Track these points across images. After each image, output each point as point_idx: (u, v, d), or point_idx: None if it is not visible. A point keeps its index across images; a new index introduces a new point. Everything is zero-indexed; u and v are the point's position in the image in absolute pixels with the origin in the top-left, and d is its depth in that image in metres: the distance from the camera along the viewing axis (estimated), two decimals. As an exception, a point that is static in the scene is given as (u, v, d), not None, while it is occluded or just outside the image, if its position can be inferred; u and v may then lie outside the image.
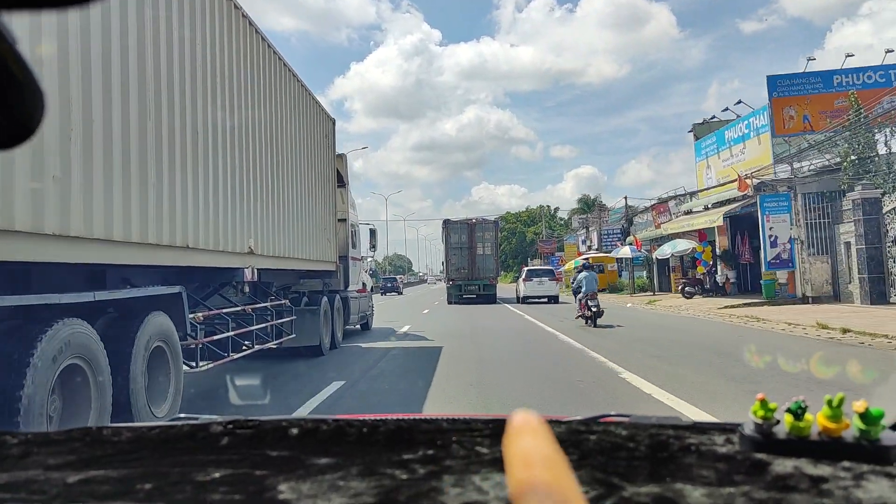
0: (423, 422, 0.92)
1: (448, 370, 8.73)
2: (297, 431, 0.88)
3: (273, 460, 0.77)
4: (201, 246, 5.97)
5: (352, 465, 0.74)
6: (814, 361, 8.85)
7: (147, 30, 5.01)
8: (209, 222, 6.14)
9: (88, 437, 0.91)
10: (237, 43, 7.04)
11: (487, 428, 0.86)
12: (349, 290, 13.39)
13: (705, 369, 8.33)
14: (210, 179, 6.18)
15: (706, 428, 0.85)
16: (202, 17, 6.10)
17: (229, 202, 6.64)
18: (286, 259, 8.67)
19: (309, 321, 10.18)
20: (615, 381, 7.51)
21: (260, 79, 7.77)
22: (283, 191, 8.57)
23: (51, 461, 0.80)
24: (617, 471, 0.69)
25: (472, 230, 28.00)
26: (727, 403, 6.08)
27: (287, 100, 8.93)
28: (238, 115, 6.99)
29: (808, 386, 6.89)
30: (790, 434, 0.70)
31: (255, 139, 7.49)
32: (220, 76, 6.52)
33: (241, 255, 7.02)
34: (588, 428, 0.86)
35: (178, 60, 5.53)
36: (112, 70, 4.50)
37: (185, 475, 0.72)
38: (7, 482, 0.73)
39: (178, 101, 5.54)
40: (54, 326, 3.87)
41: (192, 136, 5.81)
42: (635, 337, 12.62)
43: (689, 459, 0.73)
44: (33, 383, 3.64)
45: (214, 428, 0.91)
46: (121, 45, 4.61)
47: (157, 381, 5.27)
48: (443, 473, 0.70)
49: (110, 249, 4.48)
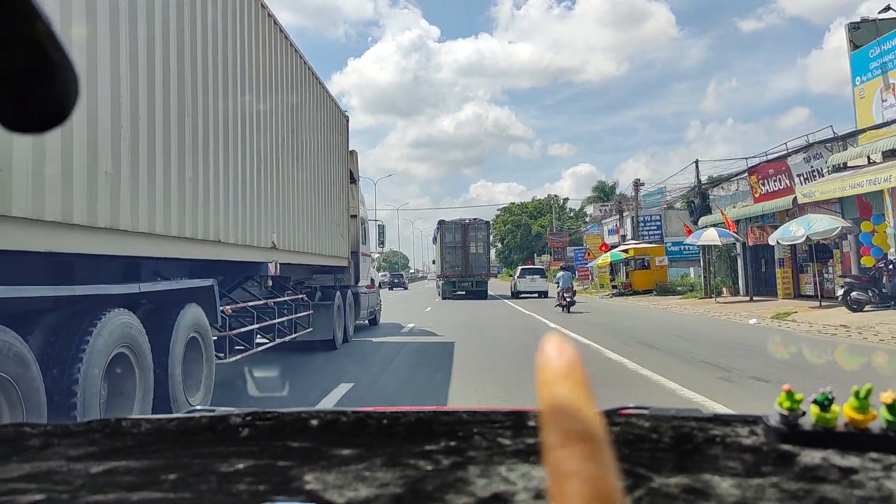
0: (442, 414, 0.92)
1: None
2: (316, 423, 0.88)
3: (294, 451, 0.77)
4: (231, 240, 6.12)
5: (374, 456, 0.73)
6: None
7: (188, 38, 5.15)
8: (238, 217, 6.29)
9: (108, 429, 0.91)
10: (268, 47, 7.20)
11: (508, 420, 0.86)
12: (359, 286, 13.54)
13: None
14: (238, 176, 6.33)
15: (729, 419, 0.85)
16: (239, 25, 6.25)
17: (255, 198, 6.79)
18: (305, 254, 8.83)
19: (324, 315, 10.33)
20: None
21: (286, 80, 7.93)
22: (302, 187, 8.72)
23: (72, 452, 0.80)
24: (642, 462, 0.69)
25: (466, 230, 29.72)
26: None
27: (308, 98, 9.08)
28: (265, 114, 7.14)
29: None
30: (816, 425, 0.69)
31: (278, 136, 7.64)
32: (252, 79, 6.67)
33: (265, 249, 7.17)
34: (609, 420, 0.86)
35: (212, 66, 5.68)
36: (156, 72, 4.65)
37: (208, 466, 0.72)
38: (29, 473, 0.73)
39: (212, 102, 5.69)
40: (106, 316, 4.03)
41: (224, 134, 5.96)
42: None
43: (715, 451, 0.72)
44: (88, 371, 3.80)
45: (233, 420, 0.91)
46: (163, 51, 4.76)
47: (192, 370, 5.43)
48: (467, 464, 0.70)
49: (153, 242, 4.64)
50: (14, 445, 0.85)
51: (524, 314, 19.90)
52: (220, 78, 5.89)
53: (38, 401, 3.40)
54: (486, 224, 31.58)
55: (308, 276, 10.43)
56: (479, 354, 10.30)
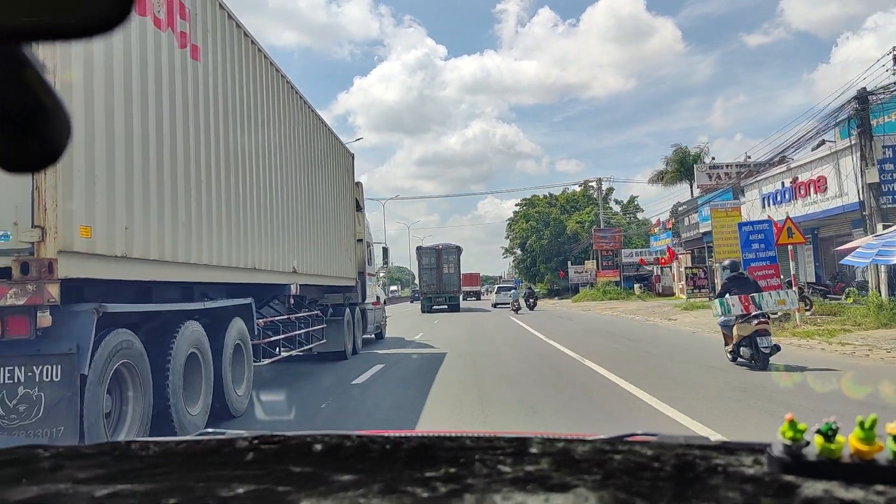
0: (445, 439, 0.94)
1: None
2: (320, 447, 0.91)
3: (296, 476, 0.79)
4: (262, 267, 7.72)
5: (374, 482, 0.75)
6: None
7: (240, 110, 6.81)
8: (267, 248, 7.89)
9: (117, 452, 0.96)
10: (288, 108, 8.87)
11: (510, 446, 0.87)
12: (366, 303, 15.10)
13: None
14: (266, 214, 7.95)
15: (734, 448, 0.85)
16: (269, 99, 7.93)
17: (279, 232, 8.40)
18: (319, 276, 10.43)
19: (335, 329, 11.89)
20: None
21: (303, 133, 9.61)
22: (316, 219, 10.34)
23: (80, 475, 0.84)
24: (641, 491, 0.69)
25: (440, 254, 35.24)
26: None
27: (319, 144, 10.74)
28: (286, 163, 8.80)
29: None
30: (821, 456, 0.68)
31: (296, 179, 9.28)
32: (278, 140, 8.35)
33: (288, 273, 8.77)
34: (613, 447, 0.87)
35: (252, 140, 7.33)
36: (215, 150, 6.29)
37: (210, 490, 0.75)
38: (37, 495, 0.76)
39: (251, 163, 7.35)
40: (184, 325, 5.63)
41: (257, 184, 7.59)
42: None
43: (716, 480, 0.72)
44: (174, 363, 5.39)
45: (240, 443, 0.95)
46: (223, 122, 6.41)
47: (237, 369, 7.00)
48: (464, 492, 0.70)
49: (210, 271, 6.24)
50: (25, 468, 0.90)
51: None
52: (256, 146, 7.54)
53: (147, 379, 4.99)
54: (457, 248, 36.76)
55: (320, 294, 12.00)
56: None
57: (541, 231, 56.13)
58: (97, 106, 4.44)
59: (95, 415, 4.28)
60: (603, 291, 40.48)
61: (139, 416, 4.88)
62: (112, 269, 4.61)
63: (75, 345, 4.11)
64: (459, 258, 36.63)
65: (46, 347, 4.05)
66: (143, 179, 5.04)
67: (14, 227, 3.88)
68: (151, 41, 5.21)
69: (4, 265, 3.88)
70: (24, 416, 3.99)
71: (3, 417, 3.97)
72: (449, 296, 34.85)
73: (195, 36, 6.05)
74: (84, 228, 4.24)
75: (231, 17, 6.97)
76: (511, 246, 64.26)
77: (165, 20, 5.48)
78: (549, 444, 0.89)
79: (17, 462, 0.92)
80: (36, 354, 4.03)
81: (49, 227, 3.90)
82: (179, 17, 5.75)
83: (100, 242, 4.42)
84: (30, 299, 3.84)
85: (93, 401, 4.26)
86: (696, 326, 16.51)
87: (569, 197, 58.84)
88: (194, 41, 6.01)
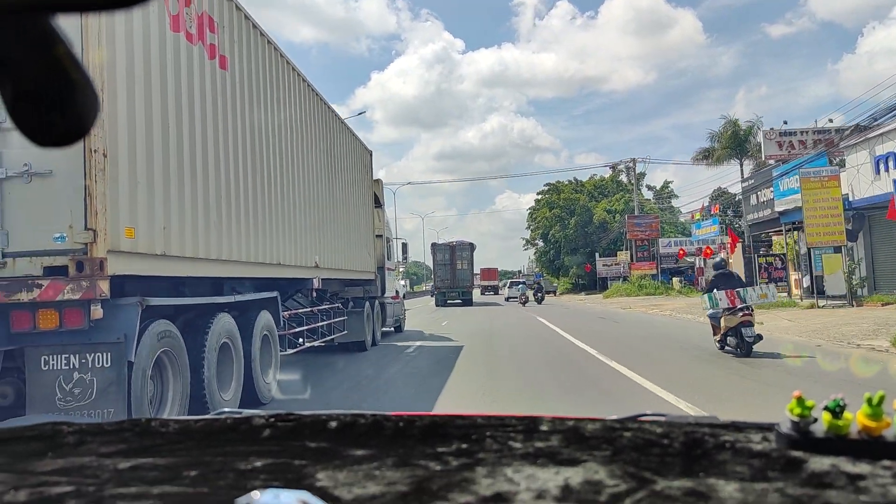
0: (457, 418, 0.96)
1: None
2: (335, 425, 0.93)
3: (312, 451, 0.82)
4: (287, 262, 8.16)
5: (387, 456, 0.78)
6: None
7: (265, 115, 7.25)
8: (290, 244, 8.34)
9: (138, 428, 0.99)
10: (311, 112, 9.30)
11: (521, 425, 0.90)
12: (385, 297, 15.54)
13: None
14: (290, 212, 8.39)
15: (743, 426, 0.86)
16: (292, 100, 8.36)
17: (302, 229, 8.84)
18: (340, 270, 10.88)
19: (356, 321, 12.34)
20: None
21: (325, 135, 10.04)
22: (337, 216, 10.78)
23: (103, 449, 0.87)
24: (650, 466, 0.71)
25: (454, 251, 36.62)
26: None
27: (339, 145, 11.17)
28: (310, 165, 9.23)
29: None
30: (828, 432, 0.70)
31: (319, 179, 9.71)
32: (299, 143, 8.77)
33: (311, 268, 9.22)
34: (622, 425, 0.89)
35: (278, 147, 7.77)
36: (244, 156, 6.73)
37: (228, 464, 0.78)
38: (63, 467, 0.79)
39: (277, 166, 7.78)
40: (217, 316, 6.09)
41: (282, 185, 8.03)
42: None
43: (724, 456, 0.73)
44: (209, 352, 5.85)
45: (256, 421, 0.98)
46: (250, 127, 6.84)
47: (265, 358, 7.46)
48: (475, 465, 0.73)
49: (240, 267, 6.69)
50: (51, 442, 0.93)
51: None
52: (280, 148, 7.97)
53: (185, 366, 5.45)
54: (470, 245, 37.82)
55: (341, 288, 12.46)
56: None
57: (565, 220, 50.66)
58: (138, 118, 4.89)
59: (141, 398, 4.74)
60: (638, 286, 36.19)
61: (178, 400, 5.34)
62: (152, 266, 5.07)
63: (123, 334, 4.57)
64: (473, 254, 37.70)
65: (98, 337, 4.51)
66: (179, 183, 5.49)
67: (69, 230, 4.34)
68: (184, 55, 5.65)
69: (61, 264, 4.34)
70: (78, 397, 4.46)
71: (61, 399, 4.44)
72: (462, 290, 36.29)
73: (223, 47, 6.47)
74: (129, 230, 4.70)
75: (255, 26, 7.39)
76: (532, 237, 59.32)
77: (196, 34, 5.91)
78: (560, 423, 0.92)
79: (43, 436, 0.96)
80: (88, 343, 4.49)
81: (100, 229, 4.35)
82: (209, 31, 6.18)
83: (142, 242, 4.88)
84: (84, 294, 4.29)
85: (138, 385, 4.72)
86: (813, 334, 11.87)
87: (596, 183, 54.20)
88: (222, 52, 6.44)
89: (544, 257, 57.13)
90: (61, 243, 4.35)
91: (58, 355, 4.46)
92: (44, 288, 4.27)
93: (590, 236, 49.17)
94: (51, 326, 4.37)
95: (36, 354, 4.45)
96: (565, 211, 51.13)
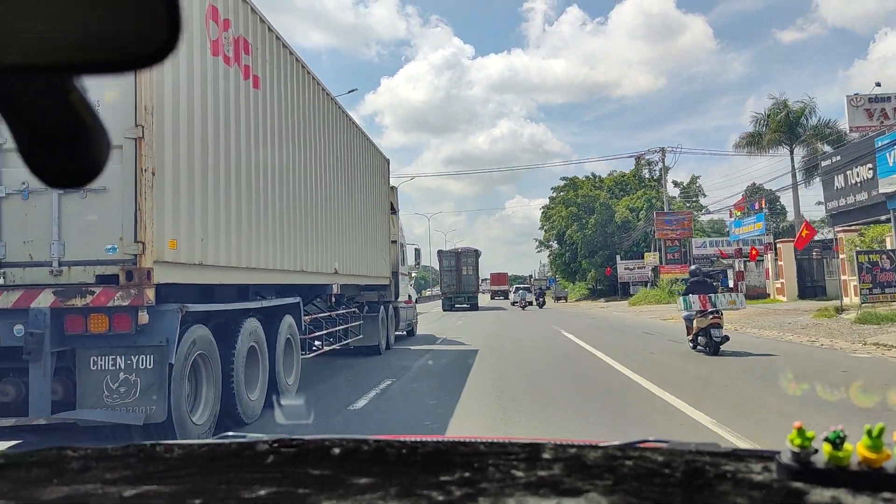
0: (460, 444, 0.97)
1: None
2: (338, 451, 0.94)
3: (315, 479, 0.82)
4: (308, 269, 8.55)
5: (390, 485, 0.78)
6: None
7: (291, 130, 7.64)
8: (312, 252, 8.72)
9: (142, 454, 0.99)
10: (332, 125, 9.70)
11: (523, 452, 0.90)
12: (399, 301, 15.91)
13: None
14: (311, 221, 8.77)
15: (743, 455, 0.87)
16: (316, 114, 8.77)
17: (323, 237, 9.23)
18: (357, 276, 11.26)
19: (371, 325, 12.71)
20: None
21: (345, 146, 10.44)
22: (355, 224, 11.16)
23: (108, 476, 0.87)
24: (651, 496, 0.71)
25: (459, 257, 38.25)
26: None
27: (358, 154, 11.57)
28: (331, 176, 9.63)
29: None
30: (829, 463, 0.69)
31: (338, 189, 10.11)
32: (322, 155, 9.17)
33: (330, 274, 9.60)
34: (624, 453, 0.89)
35: (297, 150, 8.16)
36: (268, 160, 7.12)
37: (232, 492, 0.78)
38: (68, 495, 0.80)
39: (301, 180, 8.18)
40: (246, 321, 6.48)
41: (305, 195, 8.42)
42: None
43: (725, 487, 0.74)
44: (238, 355, 6.23)
45: (260, 447, 0.99)
46: (278, 142, 7.23)
47: (288, 361, 7.85)
48: (478, 496, 0.72)
49: (266, 274, 7.08)
50: (55, 468, 0.93)
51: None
52: (304, 161, 8.37)
53: (217, 368, 5.84)
54: (475, 252, 39.51)
55: (357, 293, 12.83)
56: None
57: (583, 219, 46.10)
58: (182, 137, 5.28)
59: (179, 396, 5.13)
60: (669, 292, 30.48)
61: (212, 399, 5.73)
62: (191, 275, 5.46)
63: (165, 338, 4.96)
64: (478, 261, 39.09)
65: (142, 340, 4.90)
66: (215, 197, 5.88)
67: (120, 242, 4.73)
68: (222, 77, 6.04)
69: (112, 273, 4.73)
70: (123, 395, 4.85)
71: (108, 396, 4.84)
72: (468, 295, 37.66)
73: (256, 67, 6.87)
74: (172, 241, 5.09)
75: (285, 45, 7.79)
76: (546, 238, 54.53)
77: (233, 56, 6.31)
78: (562, 450, 0.92)
79: (47, 462, 0.96)
80: (133, 346, 4.89)
81: (147, 241, 4.74)
82: (244, 53, 6.58)
83: (183, 252, 5.27)
84: (133, 301, 4.69)
85: (177, 385, 5.11)
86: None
87: (617, 178, 49.83)
88: (255, 72, 6.84)
89: (559, 260, 53.04)
90: (112, 254, 4.75)
91: (105, 356, 4.86)
92: (96, 294, 4.67)
93: (610, 237, 44.94)
94: (101, 330, 4.77)
95: (86, 355, 4.85)
96: (583, 209, 46.69)
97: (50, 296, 4.67)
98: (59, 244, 4.78)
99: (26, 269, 4.79)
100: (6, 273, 4.77)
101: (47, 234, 4.78)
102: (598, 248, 45.71)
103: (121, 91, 4.74)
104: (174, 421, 5.03)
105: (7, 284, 4.75)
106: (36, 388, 4.66)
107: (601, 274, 45.72)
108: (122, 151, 4.71)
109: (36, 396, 4.66)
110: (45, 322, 4.63)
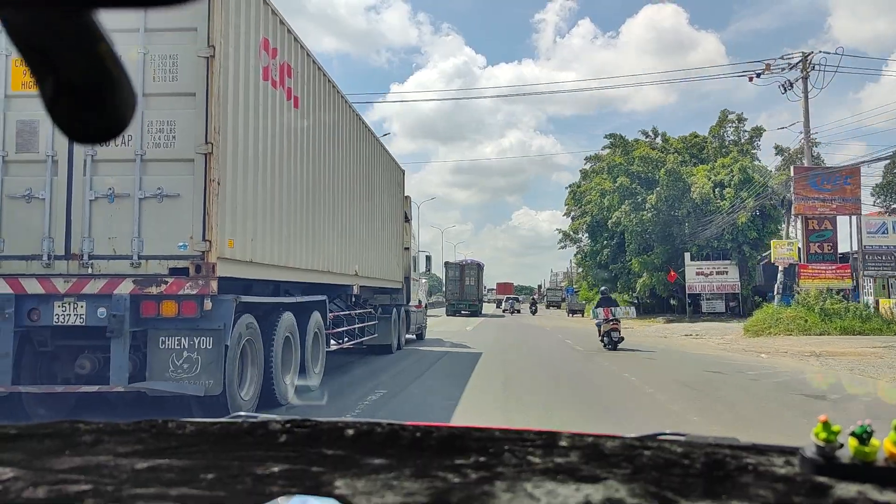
0: (474, 430, 0.96)
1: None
2: (352, 433, 0.94)
3: (329, 458, 0.82)
4: (333, 270, 9.41)
5: (405, 466, 0.77)
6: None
7: (322, 144, 8.52)
8: (336, 254, 9.58)
9: (154, 429, 0.99)
10: (357, 139, 10.62)
11: (539, 439, 0.89)
12: (410, 305, 16.74)
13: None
14: (337, 226, 9.64)
15: (765, 449, 0.85)
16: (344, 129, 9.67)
17: (347, 240, 10.10)
18: (374, 279, 12.12)
19: (384, 326, 13.55)
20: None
21: (366, 158, 11.35)
22: (374, 230, 12.04)
23: (120, 449, 0.88)
24: (671, 486, 0.70)
25: (463, 269, 41.29)
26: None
27: (377, 166, 12.48)
28: (354, 184, 10.53)
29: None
30: (854, 458, 0.68)
31: (360, 197, 10.99)
32: (347, 166, 10.07)
33: (351, 276, 10.46)
34: (642, 444, 0.88)
35: (327, 163, 9.05)
36: (302, 172, 8.00)
37: (245, 468, 0.78)
38: (80, 466, 0.80)
39: (328, 186, 9.06)
40: (283, 314, 7.34)
41: (332, 204, 9.30)
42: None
43: (746, 479, 0.73)
44: (277, 343, 7.09)
45: (273, 426, 0.98)
46: (312, 155, 8.11)
47: (315, 352, 8.70)
48: (494, 479, 0.72)
49: (300, 273, 7.94)
50: (68, 440, 0.93)
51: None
52: (333, 172, 9.25)
53: (260, 352, 6.69)
54: (478, 265, 43.08)
55: (371, 295, 13.65)
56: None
57: (638, 196, 30.08)
58: (240, 151, 6.16)
59: (232, 374, 5.98)
60: (820, 312, 18.70)
61: (256, 379, 6.58)
62: (244, 270, 6.33)
63: (222, 323, 5.81)
64: (480, 273, 42.75)
65: (204, 324, 5.75)
66: (263, 203, 6.75)
67: (190, 240, 5.60)
68: (270, 99, 6.93)
69: (182, 266, 5.60)
70: (186, 371, 5.70)
71: (173, 371, 5.69)
72: (469, 303, 41.28)
73: (296, 89, 7.76)
74: (230, 241, 5.96)
75: (320, 68, 8.69)
76: (574, 227, 38.58)
77: (279, 80, 7.20)
78: (579, 439, 0.92)
79: (60, 434, 0.97)
80: (196, 329, 5.74)
81: (213, 240, 5.61)
82: (287, 76, 7.47)
83: (238, 251, 6.13)
84: (200, 290, 5.55)
85: (231, 364, 5.95)
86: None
87: (687, 140, 33.95)
88: (296, 93, 7.73)
89: (590, 260, 36.43)
90: (183, 250, 5.62)
91: (172, 337, 5.72)
92: (169, 284, 5.54)
93: (679, 225, 29.31)
94: (171, 314, 5.63)
95: (156, 336, 5.71)
96: (639, 181, 30.53)
97: (130, 284, 5.54)
98: (139, 241, 5.65)
99: (110, 261, 5.66)
100: (93, 264, 5.65)
101: (129, 232, 5.66)
102: (656, 241, 30.06)
103: (194, 112, 5.63)
104: (227, 395, 5.87)
105: (94, 273, 5.62)
106: (116, 361, 5.52)
107: (658, 280, 30.34)
108: (194, 164, 5.60)
109: (116, 368, 5.52)
110: (126, 306, 5.50)
